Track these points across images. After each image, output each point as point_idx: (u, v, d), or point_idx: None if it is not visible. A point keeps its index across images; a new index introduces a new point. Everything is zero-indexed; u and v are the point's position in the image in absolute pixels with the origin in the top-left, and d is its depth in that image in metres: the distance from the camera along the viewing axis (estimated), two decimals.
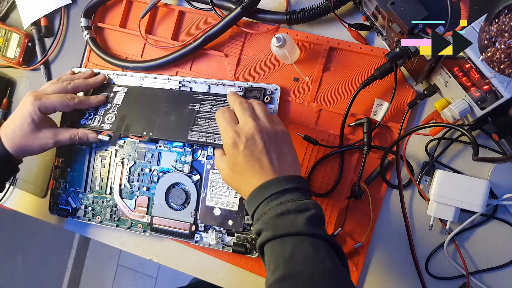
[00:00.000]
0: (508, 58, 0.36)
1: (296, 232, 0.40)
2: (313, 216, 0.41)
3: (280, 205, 0.42)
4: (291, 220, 0.41)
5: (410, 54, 0.45)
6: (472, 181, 0.49)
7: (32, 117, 0.55)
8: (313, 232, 0.40)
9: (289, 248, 0.39)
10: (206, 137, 0.56)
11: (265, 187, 0.44)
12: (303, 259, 0.38)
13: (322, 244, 0.40)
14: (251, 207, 0.45)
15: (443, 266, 0.52)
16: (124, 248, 0.64)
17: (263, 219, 0.42)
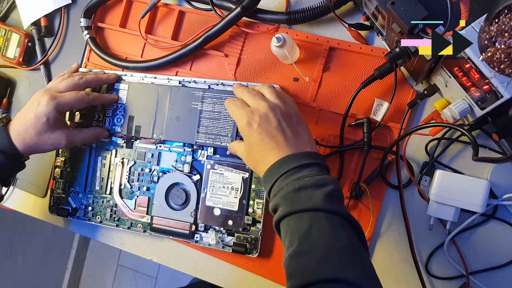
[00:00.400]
0: (508, 58, 0.36)
1: (314, 208, 0.39)
2: (331, 191, 0.40)
3: (297, 180, 0.41)
4: (309, 195, 0.40)
5: (410, 54, 0.45)
6: (472, 181, 0.49)
7: (48, 117, 0.54)
8: (331, 208, 0.39)
9: (306, 224, 0.38)
10: (213, 139, 0.58)
11: (282, 163, 0.43)
12: (319, 235, 0.38)
13: (339, 221, 0.39)
14: (267, 184, 0.44)
15: (443, 266, 0.52)
16: (124, 248, 0.64)
17: (280, 194, 0.42)
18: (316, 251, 0.37)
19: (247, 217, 0.57)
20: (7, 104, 0.73)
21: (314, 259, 0.36)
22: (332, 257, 0.36)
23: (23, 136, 0.54)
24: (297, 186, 0.41)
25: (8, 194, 0.72)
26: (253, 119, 0.46)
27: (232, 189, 0.57)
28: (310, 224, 0.38)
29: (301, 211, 0.39)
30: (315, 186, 0.40)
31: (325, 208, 0.39)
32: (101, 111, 0.63)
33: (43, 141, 0.55)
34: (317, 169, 0.43)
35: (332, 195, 0.40)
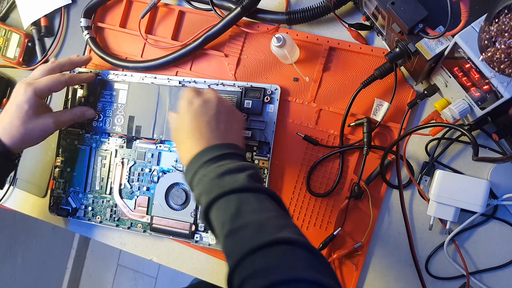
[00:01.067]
0: (508, 58, 0.36)
1: (239, 188, 0.40)
2: (253, 174, 0.42)
3: (220, 166, 0.42)
4: (233, 178, 0.41)
5: (410, 54, 0.45)
6: (472, 181, 0.49)
7: (29, 103, 0.53)
8: (256, 187, 0.41)
9: (235, 204, 0.39)
10: None
11: (207, 151, 0.44)
12: (249, 211, 0.38)
13: (265, 197, 0.40)
14: (190, 171, 0.44)
15: (443, 266, 0.52)
16: (124, 248, 0.64)
17: (204, 181, 0.42)
18: (249, 224, 0.37)
19: None
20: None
21: (248, 231, 0.37)
22: (266, 225, 0.37)
23: (9, 129, 0.54)
24: (221, 172, 0.41)
25: (8, 194, 0.72)
26: (197, 100, 0.48)
27: None
28: (239, 204, 0.39)
29: (228, 193, 0.40)
30: (237, 170, 0.42)
31: (250, 187, 0.40)
32: (101, 111, 0.63)
33: (31, 129, 0.54)
34: (238, 158, 0.44)
35: (255, 176, 0.42)
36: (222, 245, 0.39)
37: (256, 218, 0.37)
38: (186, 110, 0.48)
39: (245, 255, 0.34)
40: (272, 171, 0.58)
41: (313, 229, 0.56)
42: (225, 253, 0.38)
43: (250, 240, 0.35)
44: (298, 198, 0.57)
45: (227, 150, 0.44)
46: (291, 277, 0.31)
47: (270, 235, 0.35)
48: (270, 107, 0.57)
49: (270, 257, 0.34)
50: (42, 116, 0.55)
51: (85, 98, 0.65)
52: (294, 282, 0.31)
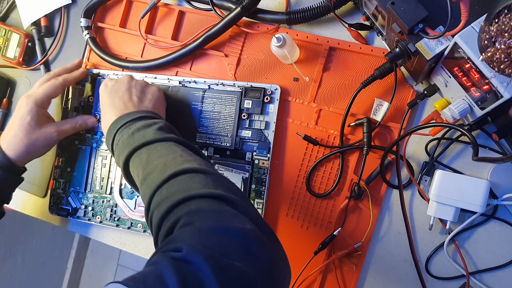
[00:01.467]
0: (508, 58, 0.36)
1: (148, 141, 0.44)
2: (161, 126, 0.46)
3: (131, 127, 0.46)
4: (142, 134, 0.45)
5: (410, 54, 0.45)
6: (472, 181, 0.49)
7: (31, 114, 0.55)
8: (163, 137, 0.44)
9: (145, 156, 0.43)
10: (213, 139, 0.58)
11: (121, 118, 0.49)
12: (157, 157, 0.42)
13: (173, 144, 0.44)
14: (109, 139, 0.49)
15: (443, 266, 0.52)
16: (124, 248, 0.64)
17: (120, 144, 0.46)
18: (156, 167, 0.40)
19: None
20: (7, 104, 0.73)
21: (156, 172, 0.40)
22: (170, 164, 0.40)
23: (13, 142, 0.55)
24: (131, 132, 0.46)
25: None
26: (110, 82, 0.55)
27: None
28: (148, 154, 0.43)
29: (138, 147, 0.44)
30: (146, 126, 0.46)
31: (158, 138, 0.44)
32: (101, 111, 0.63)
33: (35, 140, 0.55)
34: (149, 119, 0.48)
35: (163, 128, 0.46)
36: (140, 193, 0.42)
37: (162, 160, 0.41)
38: (103, 91, 0.54)
39: (153, 192, 0.39)
40: (272, 171, 0.58)
41: (313, 229, 0.56)
42: (142, 198, 0.41)
43: (157, 179, 0.39)
44: (298, 198, 0.57)
45: (139, 115, 0.48)
46: (187, 196, 0.36)
47: (173, 169, 0.39)
48: (270, 107, 0.57)
49: (172, 187, 0.38)
50: (44, 126, 0.57)
51: (85, 98, 0.65)
52: (189, 199, 0.36)
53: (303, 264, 0.55)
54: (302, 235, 0.57)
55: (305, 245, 0.56)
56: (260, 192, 0.57)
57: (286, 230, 0.57)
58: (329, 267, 0.55)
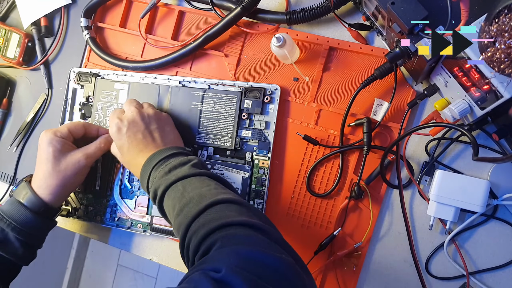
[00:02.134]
0: (508, 58, 0.36)
1: (183, 176, 0.45)
2: (195, 163, 0.47)
3: (166, 166, 0.47)
4: (178, 171, 0.46)
5: (410, 54, 0.45)
6: (472, 181, 0.49)
7: (52, 144, 0.53)
8: (198, 172, 0.46)
9: (180, 189, 0.44)
10: (213, 139, 0.58)
11: (151, 159, 0.49)
12: (192, 190, 0.43)
13: (207, 178, 0.45)
14: (144, 181, 0.49)
15: (443, 266, 0.52)
16: (124, 248, 0.64)
17: (155, 182, 0.47)
18: (193, 199, 0.42)
19: None
20: (7, 104, 0.73)
21: (193, 203, 0.41)
22: (206, 195, 0.42)
23: (44, 181, 0.53)
24: (167, 169, 0.46)
25: (8, 194, 0.72)
26: (123, 124, 0.52)
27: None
28: (183, 187, 0.44)
29: (174, 182, 0.45)
30: (181, 164, 0.47)
31: (192, 173, 0.45)
32: (101, 111, 0.63)
33: (64, 169, 0.54)
34: (181, 156, 0.49)
35: (197, 164, 0.47)
36: (175, 225, 0.42)
37: (197, 192, 0.42)
38: (119, 139, 0.52)
39: (190, 221, 0.40)
40: (272, 171, 0.58)
41: (313, 229, 0.56)
42: (177, 230, 0.41)
43: (194, 209, 0.40)
44: (298, 198, 0.57)
45: (168, 152, 0.49)
46: (223, 223, 0.37)
47: (209, 200, 0.40)
48: (270, 107, 0.57)
49: (209, 215, 0.39)
50: (69, 154, 0.55)
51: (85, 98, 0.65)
52: (226, 226, 0.37)
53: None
54: (302, 235, 0.57)
55: (305, 245, 0.56)
56: (260, 192, 0.57)
57: (286, 230, 0.57)
58: (329, 267, 0.55)
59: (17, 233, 0.51)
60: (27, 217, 0.51)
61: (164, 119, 0.55)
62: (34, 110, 0.71)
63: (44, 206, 0.53)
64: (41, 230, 0.55)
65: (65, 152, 0.55)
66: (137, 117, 0.52)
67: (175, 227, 0.42)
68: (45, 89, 0.71)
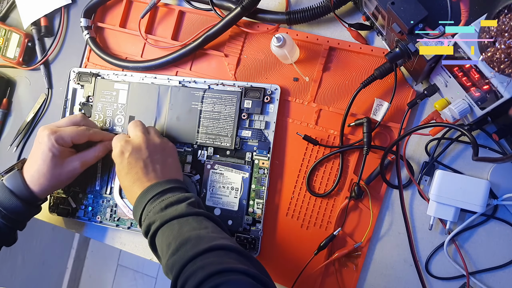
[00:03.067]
0: (508, 58, 0.36)
1: (180, 215, 0.45)
2: (193, 201, 0.47)
3: (163, 201, 0.47)
4: (175, 208, 0.46)
5: (410, 54, 0.45)
6: (472, 181, 0.49)
7: (52, 151, 0.53)
8: (195, 211, 0.46)
9: (176, 227, 0.44)
10: (213, 139, 0.58)
11: (148, 191, 0.49)
12: (189, 230, 0.43)
13: (203, 218, 0.46)
14: (137, 212, 0.49)
15: (443, 266, 0.52)
16: (124, 248, 0.64)
17: (149, 216, 0.47)
18: (190, 239, 0.42)
19: (247, 217, 0.57)
20: (7, 104, 0.73)
21: (190, 243, 0.41)
22: (204, 237, 0.42)
23: (37, 177, 0.54)
24: (163, 205, 0.46)
25: None
26: (126, 149, 0.52)
27: (232, 189, 0.57)
28: (180, 226, 0.44)
29: (170, 220, 0.45)
30: (178, 201, 0.47)
31: (189, 212, 0.45)
32: (101, 111, 0.63)
33: (58, 174, 0.55)
34: (178, 192, 0.49)
35: (194, 203, 0.47)
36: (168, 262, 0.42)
37: (196, 233, 0.42)
38: (120, 162, 0.52)
39: (187, 262, 0.40)
40: (272, 171, 0.58)
41: (313, 229, 0.56)
42: (170, 268, 0.41)
43: (191, 251, 0.40)
44: (298, 198, 0.57)
45: (167, 186, 0.49)
46: (224, 268, 0.37)
47: (208, 243, 0.41)
48: (270, 107, 0.57)
49: (207, 259, 0.39)
50: (68, 160, 0.55)
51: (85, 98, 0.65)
52: (227, 272, 0.37)
53: (303, 264, 0.55)
54: (302, 235, 0.57)
55: (305, 245, 0.56)
56: (260, 192, 0.57)
57: (286, 230, 0.57)
58: (329, 268, 0.55)
59: (5, 220, 0.53)
60: (17, 205, 0.53)
61: (169, 150, 0.55)
62: (34, 110, 0.71)
63: (33, 198, 0.54)
64: (27, 217, 0.57)
65: (63, 158, 0.55)
66: (142, 144, 0.52)
67: (168, 266, 0.42)
68: (45, 89, 0.71)
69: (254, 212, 0.57)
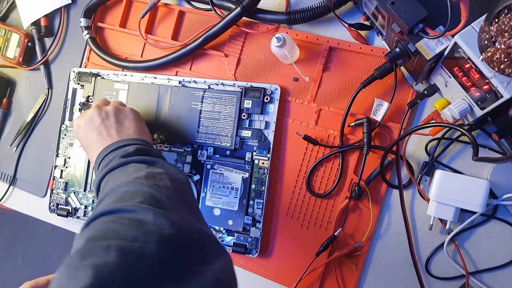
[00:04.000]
0: (508, 58, 0.36)
1: (110, 168, 0.44)
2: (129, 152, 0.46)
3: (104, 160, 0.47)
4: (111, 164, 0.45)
5: (410, 54, 0.45)
6: (472, 181, 0.49)
7: None
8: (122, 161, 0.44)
9: (102, 186, 0.44)
10: (213, 139, 0.58)
11: (101, 153, 0.49)
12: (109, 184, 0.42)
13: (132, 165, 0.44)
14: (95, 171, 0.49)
15: (443, 266, 0.52)
16: None
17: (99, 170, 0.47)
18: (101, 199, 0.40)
19: (247, 217, 0.57)
20: (7, 104, 0.73)
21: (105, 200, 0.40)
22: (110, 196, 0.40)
23: None
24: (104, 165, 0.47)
25: (8, 194, 0.72)
26: (80, 122, 0.53)
27: (232, 189, 0.57)
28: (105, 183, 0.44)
29: (103, 176, 0.45)
30: (115, 156, 0.46)
31: (119, 163, 0.44)
32: None
33: None
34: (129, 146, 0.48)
35: (128, 153, 0.46)
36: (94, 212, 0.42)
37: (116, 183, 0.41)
38: (79, 137, 0.53)
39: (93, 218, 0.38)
40: (272, 171, 0.58)
41: (313, 229, 0.56)
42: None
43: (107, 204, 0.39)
44: (298, 198, 0.57)
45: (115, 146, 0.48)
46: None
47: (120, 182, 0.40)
48: (270, 107, 0.57)
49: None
50: None
51: (85, 98, 0.65)
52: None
53: (303, 263, 0.55)
54: (302, 235, 0.57)
55: (305, 245, 0.56)
56: (260, 192, 0.57)
57: (286, 230, 0.57)
58: (329, 267, 0.55)
59: None
60: None
61: (124, 113, 0.54)
62: (34, 110, 0.71)
63: None
64: None
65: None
66: (94, 113, 0.52)
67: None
68: (45, 89, 0.71)
69: (254, 212, 0.57)
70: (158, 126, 0.61)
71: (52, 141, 0.67)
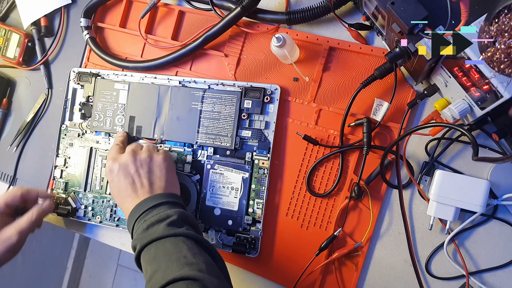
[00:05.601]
0: (508, 58, 0.36)
1: (157, 237, 0.44)
2: (173, 221, 0.46)
3: (145, 222, 0.47)
4: (154, 229, 0.45)
5: (410, 54, 0.45)
6: (472, 181, 0.49)
7: None
8: (172, 232, 0.45)
9: (152, 252, 0.44)
10: (213, 139, 0.58)
11: (137, 208, 0.49)
12: (162, 255, 0.43)
13: (182, 239, 0.44)
14: (129, 228, 0.49)
15: (443, 266, 0.52)
16: (124, 248, 0.64)
17: (135, 237, 0.47)
18: (160, 267, 0.42)
19: (247, 217, 0.57)
20: (7, 104, 0.73)
21: (160, 273, 0.41)
22: (172, 265, 0.41)
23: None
24: (145, 226, 0.46)
25: None
26: (114, 166, 0.53)
27: (232, 189, 0.57)
28: (155, 251, 0.44)
29: (147, 244, 0.45)
30: (158, 221, 0.46)
31: (166, 234, 0.44)
32: (101, 111, 0.63)
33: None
34: (164, 207, 0.48)
35: (175, 223, 0.46)
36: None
37: (167, 260, 0.42)
38: (111, 180, 0.53)
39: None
40: (272, 171, 0.58)
41: (313, 229, 0.56)
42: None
43: (159, 282, 0.40)
44: (298, 198, 0.57)
45: (152, 203, 0.49)
46: None
47: (173, 275, 0.40)
48: (270, 107, 0.57)
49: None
50: (2, 230, 0.54)
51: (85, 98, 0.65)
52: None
53: (303, 263, 0.55)
54: (302, 235, 0.57)
55: (305, 245, 0.56)
56: (260, 192, 0.57)
57: (286, 230, 0.57)
58: (329, 267, 0.55)
59: None
60: None
61: (158, 162, 0.53)
62: (34, 110, 0.71)
63: None
64: None
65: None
66: (129, 161, 0.52)
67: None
68: (45, 89, 0.71)
69: (254, 212, 0.57)
70: (159, 126, 0.61)
71: (52, 141, 0.67)
